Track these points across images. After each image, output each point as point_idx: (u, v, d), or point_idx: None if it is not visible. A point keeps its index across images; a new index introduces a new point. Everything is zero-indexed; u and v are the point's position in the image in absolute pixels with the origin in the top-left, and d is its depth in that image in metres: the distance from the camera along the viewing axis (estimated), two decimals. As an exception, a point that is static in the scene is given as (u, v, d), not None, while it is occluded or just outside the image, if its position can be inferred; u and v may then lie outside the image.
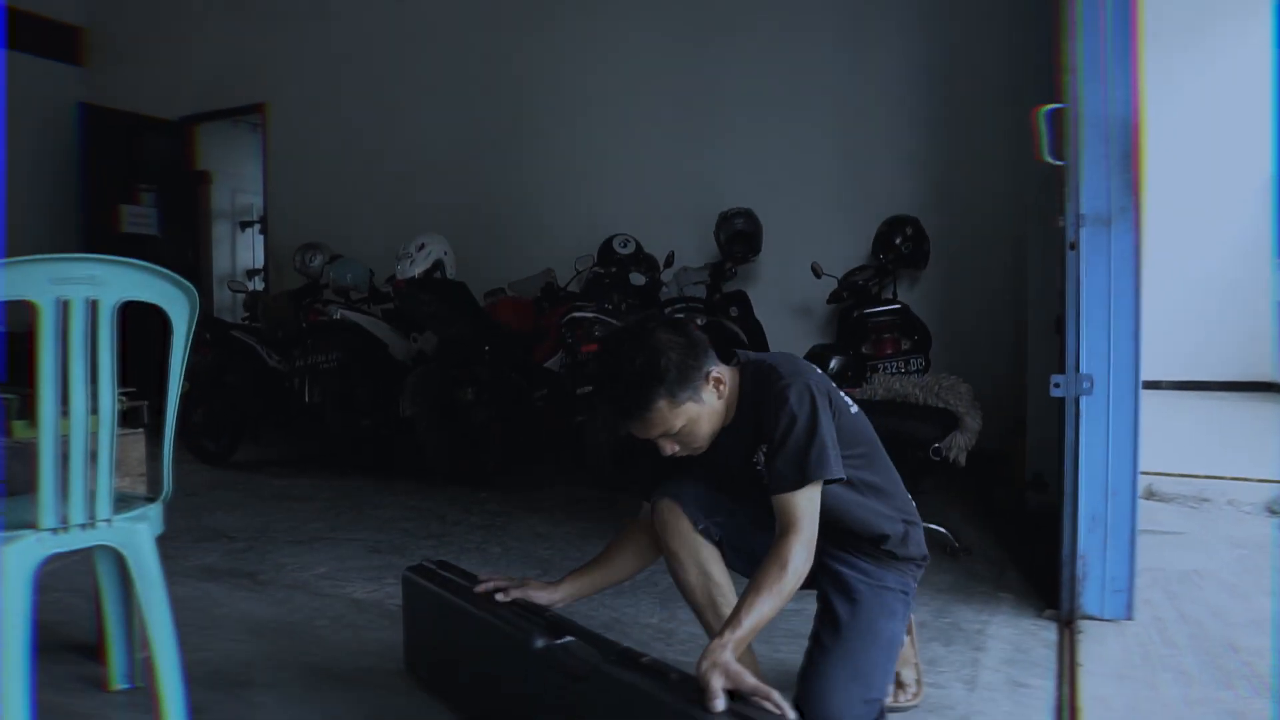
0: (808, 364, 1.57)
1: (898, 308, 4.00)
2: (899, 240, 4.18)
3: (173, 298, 1.58)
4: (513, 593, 1.64)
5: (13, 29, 6.27)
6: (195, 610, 2.27)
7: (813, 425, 1.44)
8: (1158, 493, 3.33)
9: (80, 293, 1.45)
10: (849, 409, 1.59)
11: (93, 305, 1.47)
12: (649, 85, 5.21)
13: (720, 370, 1.53)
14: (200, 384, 4.45)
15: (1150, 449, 2.34)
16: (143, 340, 2.20)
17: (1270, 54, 5.58)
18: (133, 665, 1.85)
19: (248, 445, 4.63)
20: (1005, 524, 3.14)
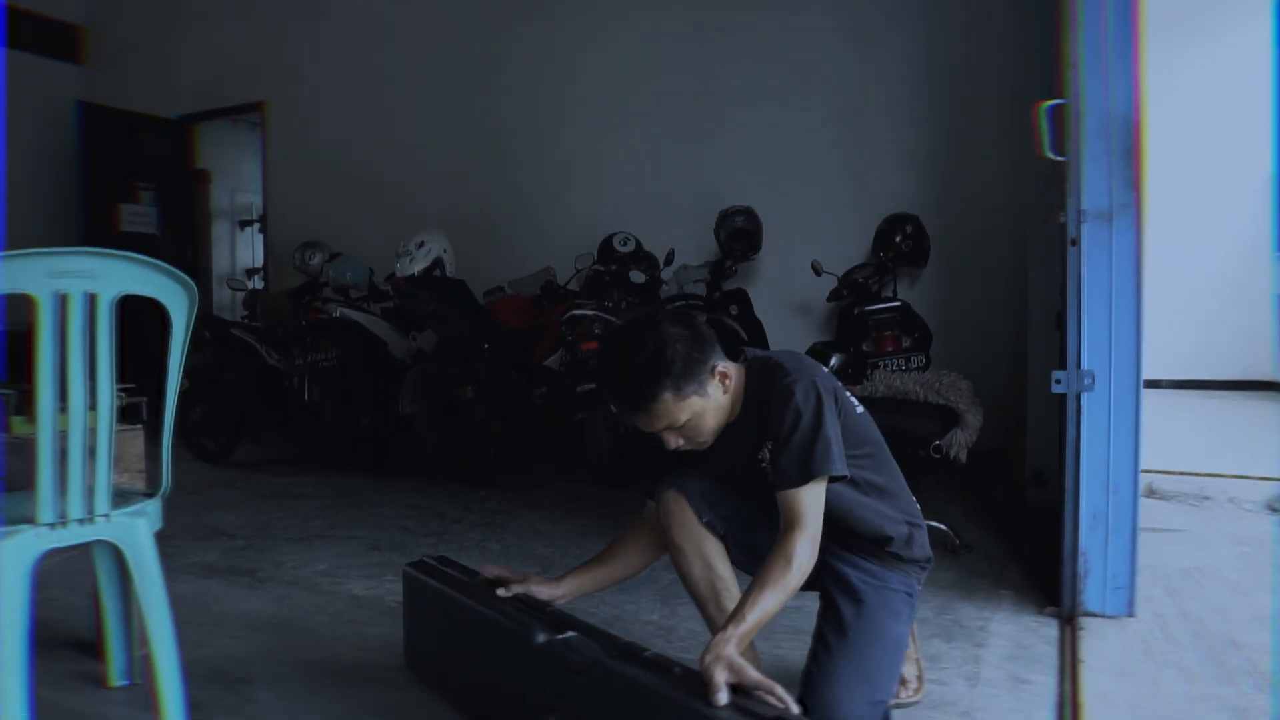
0: (814, 362, 1.57)
1: (898, 305, 4.00)
2: (899, 238, 4.18)
3: (171, 292, 1.57)
4: (514, 588, 1.63)
5: (12, 27, 6.26)
6: (194, 607, 2.27)
7: (817, 422, 1.44)
8: (1158, 491, 3.33)
9: (79, 286, 1.44)
10: (855, 409, 1.58)
11: (91, 299, 1.46)
12: (649, 83, 5.20)
13: (726, 365, 1.52)
14: (200, 382, 4.46)
15: (1151, 447, 2.34)
16: (142, 337, 2.20)
17: (1271, 50, 5.57)
18: (132, 662, 1.85)
19: (247, 444, 4.63)
20: (1006, 521, 3.14)
